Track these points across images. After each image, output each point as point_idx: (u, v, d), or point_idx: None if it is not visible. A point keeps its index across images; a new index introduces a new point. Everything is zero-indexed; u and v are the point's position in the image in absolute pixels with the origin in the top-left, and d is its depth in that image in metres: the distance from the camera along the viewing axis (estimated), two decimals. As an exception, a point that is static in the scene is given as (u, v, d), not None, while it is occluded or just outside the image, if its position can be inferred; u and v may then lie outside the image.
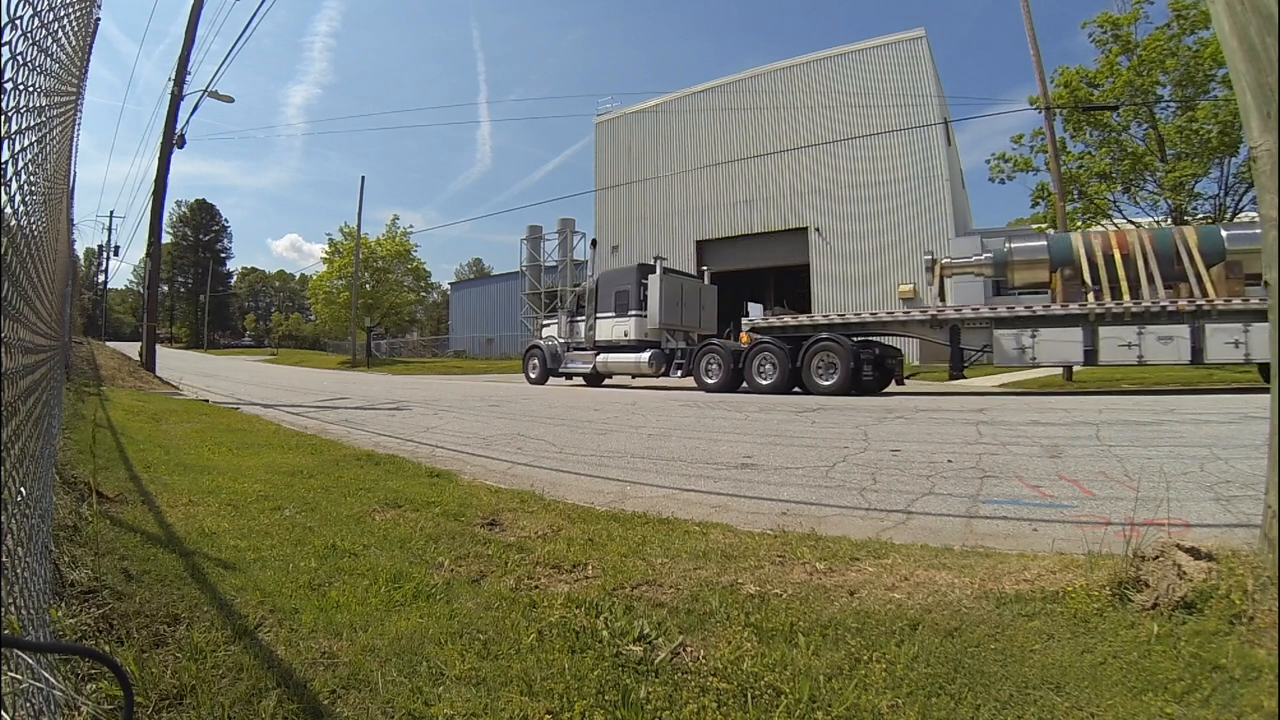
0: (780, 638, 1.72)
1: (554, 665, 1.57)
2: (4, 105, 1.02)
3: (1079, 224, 18.93)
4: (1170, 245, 11.28)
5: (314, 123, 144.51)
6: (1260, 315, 9.84)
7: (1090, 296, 11.33)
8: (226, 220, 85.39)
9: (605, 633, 1.75)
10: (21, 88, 1.18)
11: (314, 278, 40.20)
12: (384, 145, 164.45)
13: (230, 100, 15.36)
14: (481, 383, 18.37)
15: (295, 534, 2.71)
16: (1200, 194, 18.06)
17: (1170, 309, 10.29)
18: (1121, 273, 11.28)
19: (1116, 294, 11.19)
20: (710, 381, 13.44)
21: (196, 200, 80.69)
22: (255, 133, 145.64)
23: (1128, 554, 1.88)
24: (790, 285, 33.09)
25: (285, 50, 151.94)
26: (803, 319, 13.35)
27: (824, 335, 12.11)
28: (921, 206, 24.96)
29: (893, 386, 12.81)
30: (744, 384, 12.87)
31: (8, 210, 1.14)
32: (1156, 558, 1.81)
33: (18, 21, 1.09)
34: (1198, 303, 10.23)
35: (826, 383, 11.77)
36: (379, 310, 36.67)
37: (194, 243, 79.31)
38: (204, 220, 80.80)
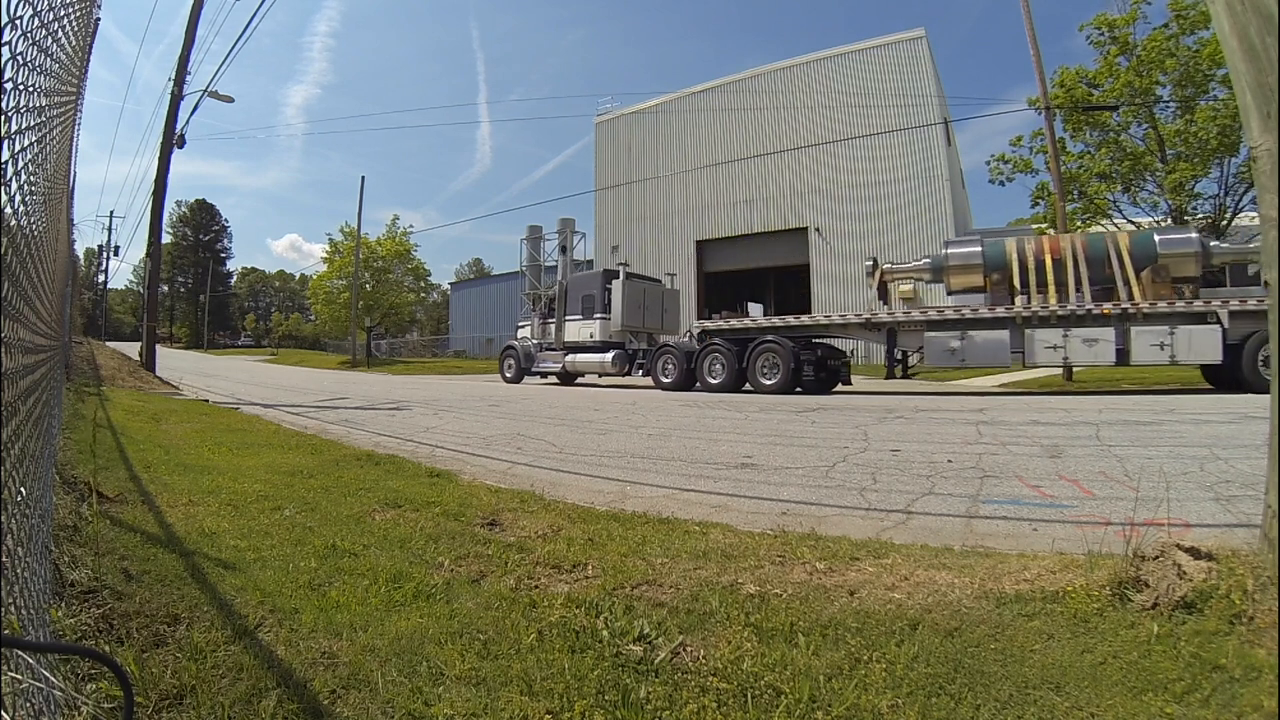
0: (780, 638, 1.72)
1: (554, 665, 1.57)
2: (4, 105, 1.02)
3: (1079, 224, 18.88)
4: (1102, 250, 11.42)
5: (314, 123, 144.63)
6: (1186, 318, 9.96)
7: (1017, 300, 11.54)
8: (226, 220, 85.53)
9: (605, 633, 1.75)
10: (21, 88, 1.18)
11: (314, 278, 40.20)
12: (384, 145, 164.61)
13: (230, 100, 15.38)
14: (481, 383, 18.36)
15: (295, 534, 2.71)
16: (1200, 194, 18.02)
17: (1096, 312, 10.39)
18: (1050, 277, 11.44)
19: (1046, 298, 11.36)
20: (666, 380, 13.97)
21: (196, 200, 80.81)
22: (255, 133, 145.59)
23: (1128, 554, 1.88)
24: (790, 285, 33.09)
25: (285, 50, 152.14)
26: (747, 321, 14.15)
27: (768, 337, 12.51)
28: (921, 206, 24.98)
29: (840, 387, 13.13)
30: (697, 383, 13.32)
31: (8, 210, 1.14)
32: (1156, 558, 1.81)
33: (18, 21, 1.09)
34: (1123, 306, 10.32)
35: (769, 382, 12.18)
36: (379, 310, 36.65)
37: (194, 243, 79.27)
38: (204, 220, 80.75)
